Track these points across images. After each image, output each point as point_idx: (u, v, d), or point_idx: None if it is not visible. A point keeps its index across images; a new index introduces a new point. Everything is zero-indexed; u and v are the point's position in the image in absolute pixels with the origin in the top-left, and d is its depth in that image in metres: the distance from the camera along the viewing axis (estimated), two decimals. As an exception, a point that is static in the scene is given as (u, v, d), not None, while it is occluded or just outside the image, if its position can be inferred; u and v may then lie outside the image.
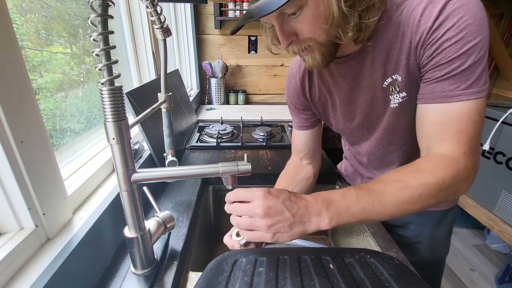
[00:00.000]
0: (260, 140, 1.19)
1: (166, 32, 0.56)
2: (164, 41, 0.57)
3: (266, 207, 0.39)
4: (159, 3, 0.52)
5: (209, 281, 0.36)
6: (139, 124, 0.72)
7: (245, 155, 0.45)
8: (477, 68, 0.42)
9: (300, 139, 0.74)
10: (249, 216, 0.41)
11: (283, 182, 0.67)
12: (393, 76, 0.51)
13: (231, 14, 1.84)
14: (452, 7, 0.41)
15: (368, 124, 0.62)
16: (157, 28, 0.55)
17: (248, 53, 2.01)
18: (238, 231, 0.47)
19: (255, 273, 0.37)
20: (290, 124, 1.40)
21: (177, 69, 1.35)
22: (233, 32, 0.49)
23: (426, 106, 0.47)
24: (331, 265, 0.39)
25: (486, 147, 1.48)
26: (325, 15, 0.41)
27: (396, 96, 0.53)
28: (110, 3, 0.33)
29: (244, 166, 0.42)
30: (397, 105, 0.54)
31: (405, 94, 0.52)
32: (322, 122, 0.75)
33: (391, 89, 0.53)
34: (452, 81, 0.43)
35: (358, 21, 0.43)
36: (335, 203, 0.41)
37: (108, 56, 0.34)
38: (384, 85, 0.53)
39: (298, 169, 0.72)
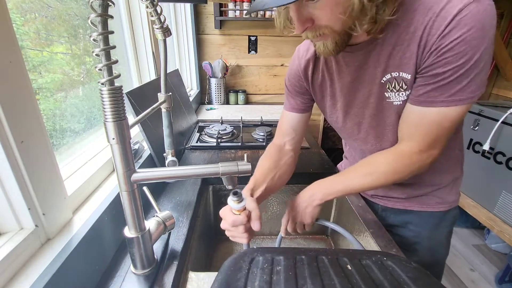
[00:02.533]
0: (260, 140, 1.19)
1: (166, 32, 0.56)
2: (164, 41, 0.57)
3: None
4: (159, 3, 0.52)
5: (228, 278, 0.37)
6: (139, 124, 0.72)
7: (245, 155, 0.45)
8: (464, 79, 0.44)
9: (290, 121, 0.72)
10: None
11: (266, 166, 0.65)
12: (393, 73, 0.51)
13: (231, 14, 1.84)
14: (467, 13, 0.41)
15: (359, 121, 0.62)
16: (157, 28, 0.55)
17: (248, 53, 2.01)
18: (236, 195, 0.48)
19: (274, 271, 0.38)
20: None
21: (177, 69, 1.35)
22: (249, 13, 0.50)
23: (411, 106, 0.52)
24: (348, 266, 0.39)
25: (486, 147, 1.48)
26: (344, 5, 0.41)
27: (402, 94, 0.52)
28: (110, 3, 0.33)
29: (244, 166, 0.42)
30: (401, 103, 0.53)
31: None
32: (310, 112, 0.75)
33: (388, 86, 0.53)
34: (439, 89, 0.47)
35: (374, 14, 0.43)
36: (321, 184, 0.60)
37: (108, 56, 0.34)
38: (382, 81, 0.53)
39: (280, 154, 0.70)
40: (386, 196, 0.74)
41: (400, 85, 0.51)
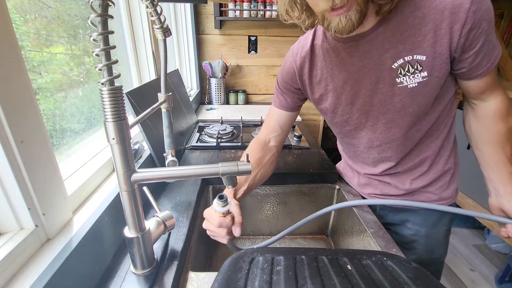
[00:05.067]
0: (260, 140, 1.19)
1: (166, 32, 0.56)
2: (164, 41, 0.57)
3: None
4: (159, 3, 0.52)
5: (228, 278, 0.37)
6: (139, 124, 0.72)
7: (245, 155, 0.45)
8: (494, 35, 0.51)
9: (278, 119, 0.73)
10: None
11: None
12: (406, 57, 0.53)
13: (231, 14, 1.84)
14: None
15: (367, 109, 0.62)
16: (157, 28, 0.55)
17: (248, 53, 2.01)
18: (221, 199, 0.49)
19: (274, 271, 0.38)
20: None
21: (177, 69, 1.35)
22: None
23: (480, 80, 0.55)
24: (348, 266, 0.39)
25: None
26: None
27: (417, 76, 0.54)
28: (110, 3, 0.33)
29: (244, 166, 0.42)
30: (416, 84, 0.54)
31: (426, 74, 0.53)
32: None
33: (399, 71, 0.54)
34: (489, 55, 0.52)
35: None
36: None
37: (108, 56, 0.34)
38: (393, 66, 0.54)
39: (264, 151, 0.70)
40: (383, 194, 0.74)
41: (415, 67, 0.53)
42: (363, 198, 0.79)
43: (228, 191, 0.58)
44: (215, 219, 0.51)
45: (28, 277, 0.36)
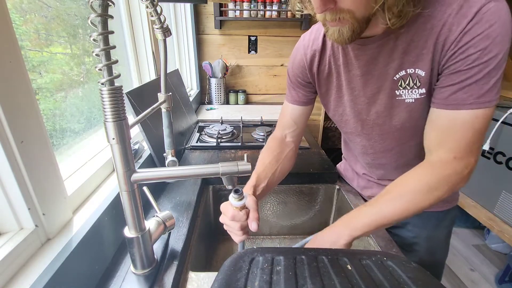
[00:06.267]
0: (260, 140, 1.19)
1: (166, 32, 0.56)
2: (164, 41, 0.57)
3: None
4: (159, 3, 0.52)
5: (228, 278, 0.37)
6: (139, 124, 0.72)
7: (245, 155, 0.45)
8: (491, 79, 0.43)
9: (292, 114, 0.72)
10: None
11: (267, 161, 0.65)
12: (408, 70, 0.50)
13: (231, 14, 1.84)
14: (487, 11, 0.41)
15: (363, 118, 0.60)
16: (157, 28, 0.55)
17: (248, 53, 2.01)
18: (237, 193, 0.49)
19: (274, 271, 0.38)
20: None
21: (177, 69, 1.35)
22: None
23: (438, 110, 0.49)
24: (349, 266, 0.39)
25: (486, 147, 1.48)
26: None
27: (415, 92, 0.51)
28: (110, 3, 0.33)
29: (244, 166, 0.42)
30: (413, 101, 0.52)
31: (424, 91, 0.50)
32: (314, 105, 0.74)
33: (400, 83, 0.52)
34: (467, 90, 0.44)
35: (402, 8, 0.41)
36: (346, 220, 0.52)
37: (108, 56, 0.34)
38: (394, 78, 0.52)
39: (281, 147, 0.70)
40: None
41: (415, 82, 0.50)
42: (364, 199, 0.80)
43: (247, 189, 0.57)
44: (229, 212, 0.51)
45: (28, 277, 0.36)
